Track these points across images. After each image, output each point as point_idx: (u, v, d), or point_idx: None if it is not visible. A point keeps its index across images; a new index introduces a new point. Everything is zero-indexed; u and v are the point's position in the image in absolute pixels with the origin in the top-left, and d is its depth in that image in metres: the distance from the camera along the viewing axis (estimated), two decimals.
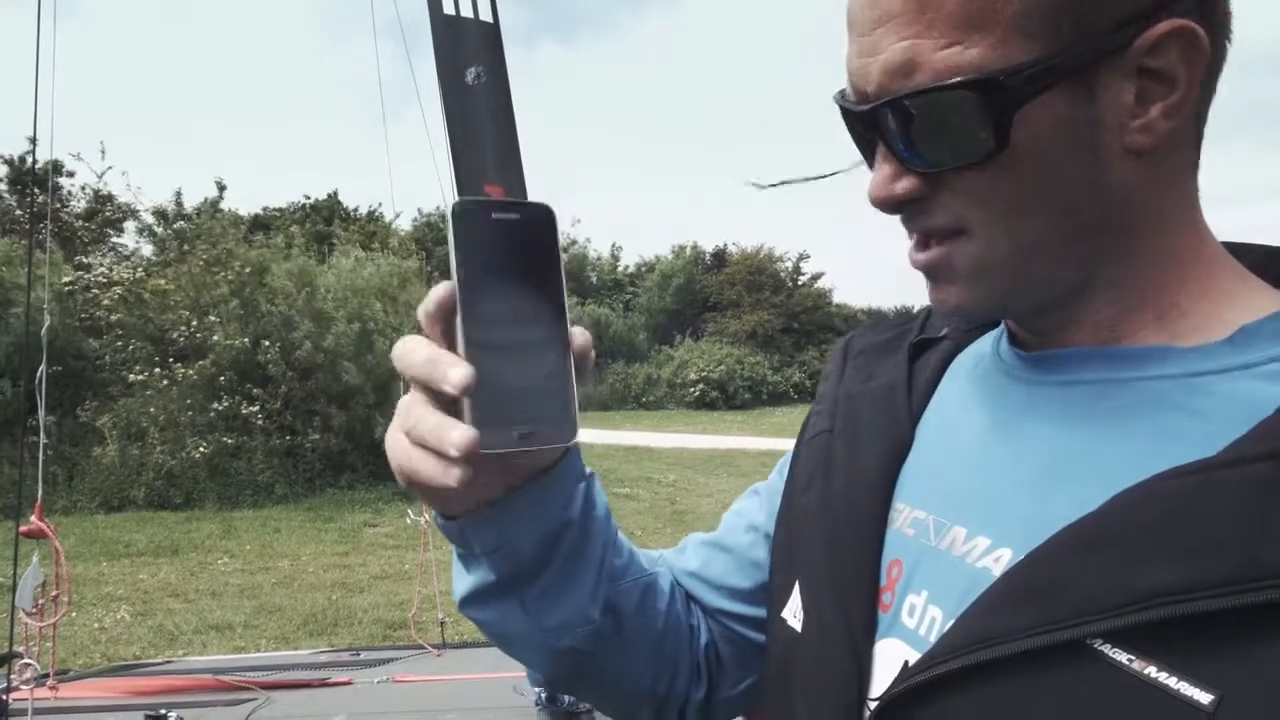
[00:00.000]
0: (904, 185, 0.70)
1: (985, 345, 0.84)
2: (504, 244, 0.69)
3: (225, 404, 13.29)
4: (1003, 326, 0.82)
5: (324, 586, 9.44)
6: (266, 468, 13.19)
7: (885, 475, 0.81)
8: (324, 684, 3.34)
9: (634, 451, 19.42)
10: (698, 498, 13.85)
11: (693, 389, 30.23)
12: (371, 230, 25.85)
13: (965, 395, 0.81)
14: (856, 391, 0.90)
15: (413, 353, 0.68)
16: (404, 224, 33.34)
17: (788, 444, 1.00)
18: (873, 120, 0.69)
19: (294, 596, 9.13)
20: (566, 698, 2.84)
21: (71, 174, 16.29)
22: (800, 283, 35.82)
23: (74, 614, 8.09)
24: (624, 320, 34.97)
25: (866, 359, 0.94)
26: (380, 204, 33.56)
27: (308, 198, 33.99)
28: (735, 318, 33.84)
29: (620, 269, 40.07)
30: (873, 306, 38.77)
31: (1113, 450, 0.65)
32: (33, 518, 1.89)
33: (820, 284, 36.17)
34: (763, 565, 0.96)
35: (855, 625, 0.76)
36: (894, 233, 0.77)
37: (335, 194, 34.22)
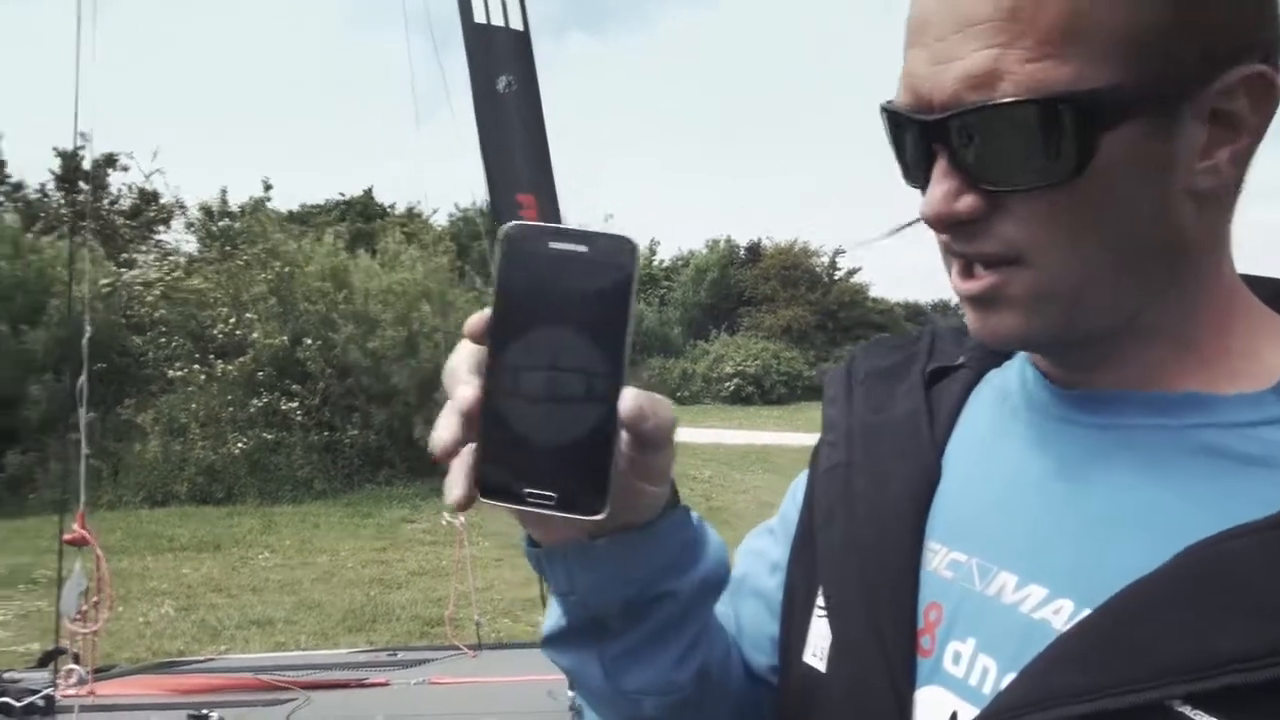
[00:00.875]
0: (966, 203, 0.66)
1: (1009, 376, 0.81)
2: (559, 280, 0.60)
3: (265, 400, 13.45)
4: (1024, 359, 0.79)
5: (362, 582, 9.54)
6: (305, 463, 13.35)
7: (916, 511, 0.77)
8: (361, 685, 3.37)
9: None
10: (734, 494, 13.82)
11: (728, 384, 30.19)
12: (409, 230, 26.00)
13: (996, 430, 0.79)
14: (873, 422, 0.85)
15: (454, 354, 0.64)
16: (440, 220, 33.52)
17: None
18: (940, 131, 0.65)
19: (333, 592, 9.23)
20: None
21: (125, 169, 16.57)
22: (836, 278, 35.66)
23: (120, 608, 8.22)
24: (659, 315, 34.98)
25: (872, 385, 0.89)
26: (418, 200, 33.73)
27: (343, 195, 34.24)
28: (770, 312, 33.75)
29: (655, 263, 40.06)
30: (910, 301, 38.59)
31: (1169, 500, 0.64)
32: (75, 526, 1.93)
33: (856, 279, 36.02)
34: None
35: (896, 670, 0.73)
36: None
37: (370, 191, 34.44)
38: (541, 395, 0.60)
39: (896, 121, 0.69)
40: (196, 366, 13.58)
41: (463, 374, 0.62)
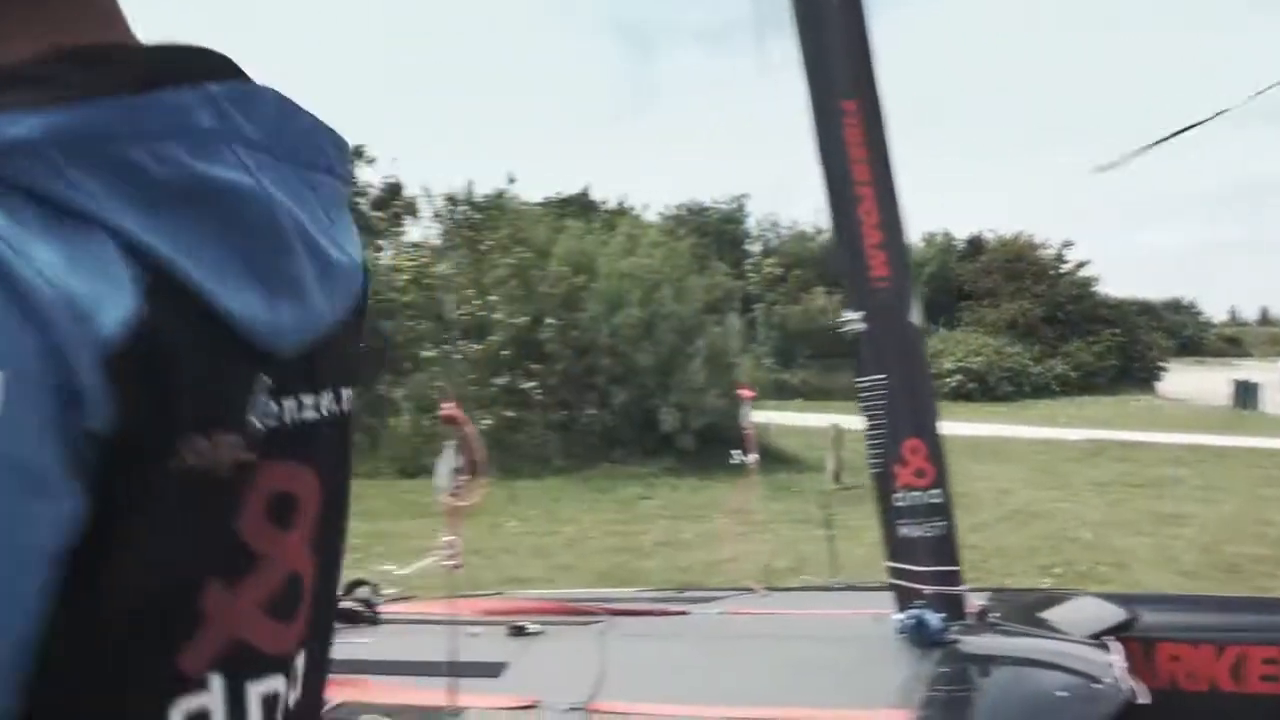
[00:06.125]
0: None
1: None
2: None
3: (505, 379, 14.06)
4: None
5: (609, 550, 9.85)
6: (544, 440, 13.88)
7: None
8: (662, 613, 3.46)
9: None
10: (970, 481, 13.50)
11: (949, 380, 29.36)
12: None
13: None
14: None
15: None
16: (650, 217, 34.06)
17: (1056, 433, 0.92)
18: None
19: (583, 558, 9.58)
20: (933, 624, 2.86)
21: (372, 160, 17.66)
22: (1063, 271, 34.15)
23: (391, 564, 8.81)
24: None
25: None
26: (628, 196, 34.39)
27: (559, 193, 35.24)
28: (993, 307, 32.63)
29: None
30: (1140, 298, 36.60)
31: None
32: (446, 406, 2.10)
33: (1085, 272, 34.39)
34: None
35: None
36: (1164, 220, 0.62)
37: (586, 190, 35.32)
38: None
39: None
40: (445, 347, 14.32)
41: None
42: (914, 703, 2.31)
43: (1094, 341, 32.14)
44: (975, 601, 2.83)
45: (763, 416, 15.68)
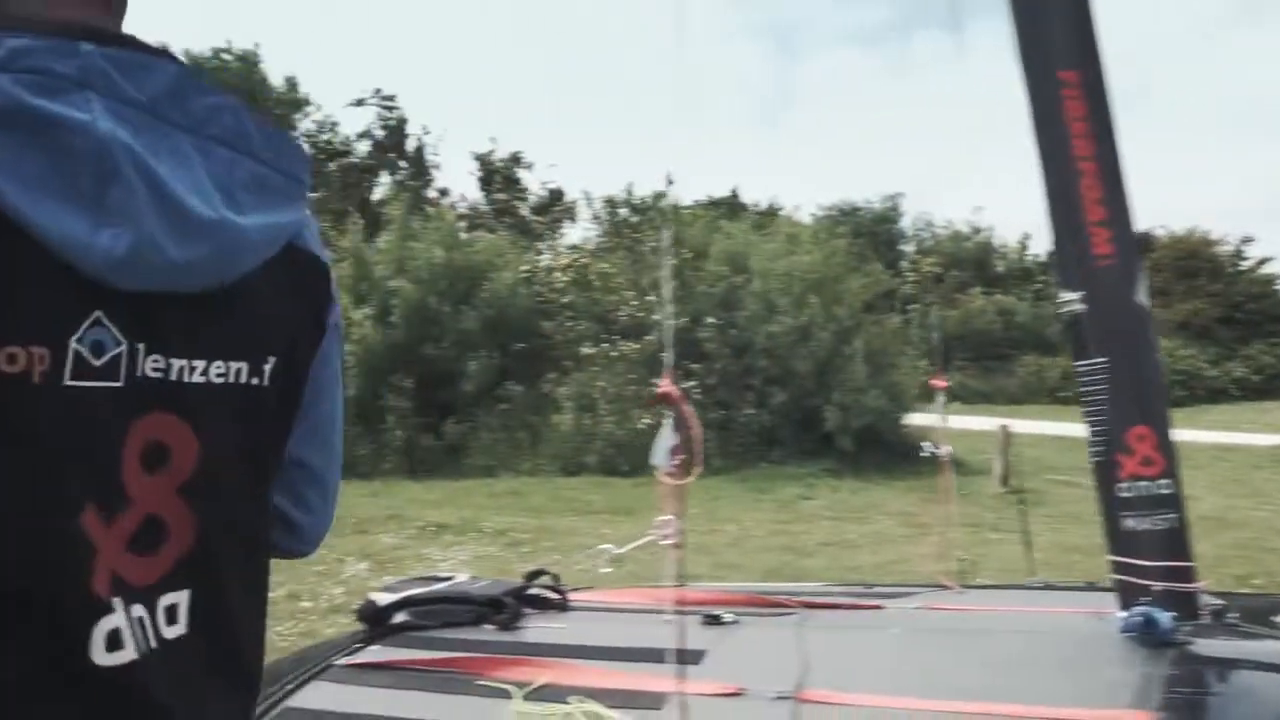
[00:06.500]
0: None
1: None
2: None
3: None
4: None
5: (773, 549, 9.76)
6: (703, 440, 13.87)
7: None
8: (855, 606, 3.37)
9: (1062, 441, 18.37)
10: None
11: None
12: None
13: None
14: None
15: None
16: (801, 218, 33.75)
17: (1240, 438, 0.82)
18: None
19: (747, 556, 9.51)
20: (1163, 622, 2.71)
21: (529, 166, 18.10)
22: (1242, 269, 32.26)
23: (558, 557, 8.95)
24: (1033, 310, 33.29)
25: None
26: (778, 197, 34.14)
27: (709, 196, 35.27)
28: (1164, 307, 31.06)
29: (1029, 257, 38.14)
30: None
31: None
32: (661, 383, 2.07)
33: (1266, 269, 32.42)
34: None
35: None
36: None
37: (735, 192, 35.22)
38: None
39: None
40: (603, 346, 14.49)
41: None
42: (1152, 704, 2.18)
43: (1277, 344, 30.31)
44: (1209, 601, 2.65)
45: (920, 419, 15.31)
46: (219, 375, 0.92)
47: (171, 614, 0.89)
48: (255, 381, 0.96)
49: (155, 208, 0.82)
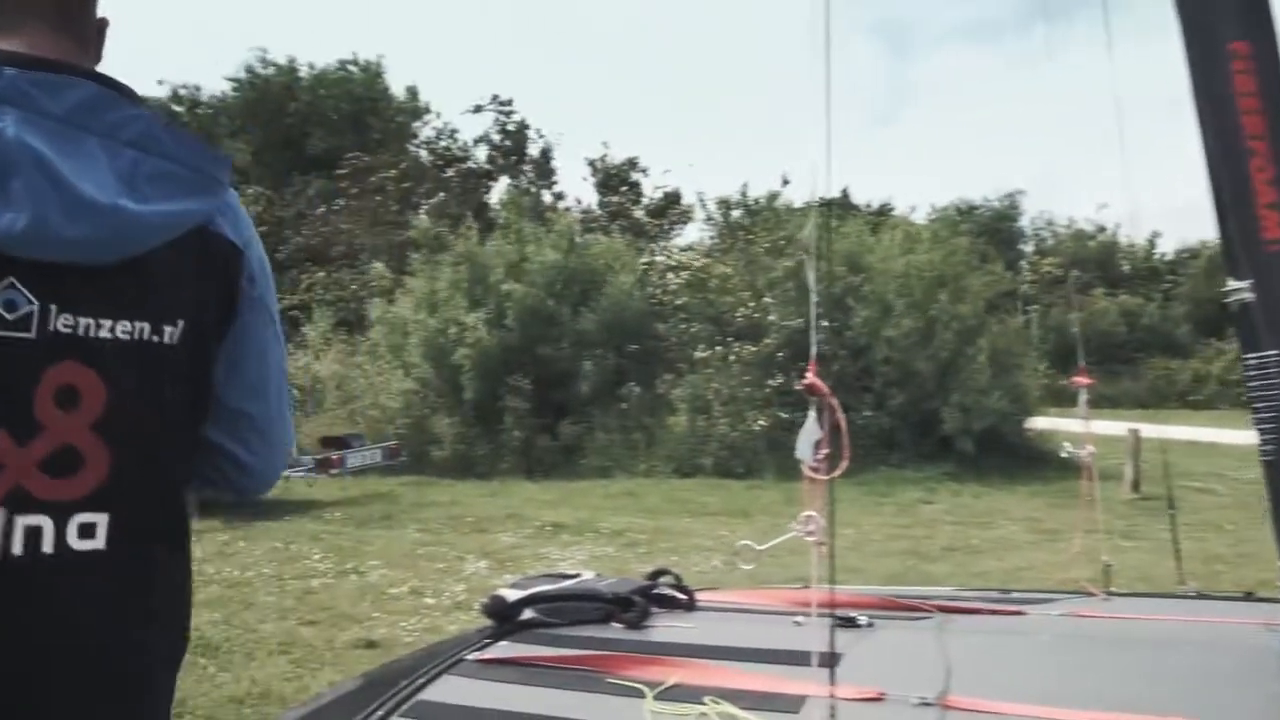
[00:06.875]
0: None
1: None
2: None
3: (780, 380, 13.96)
4: None
5: (894, 554, 9.55)
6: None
7: None
8: (995, 612, 3.22)
9: (1194, 447, 17.61)
10: None
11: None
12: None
13: None
14: None
15: None
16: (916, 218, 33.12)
17: None
18: None
19: (868, 560, 9.32)
20: None
21: (645, 170, 18.15)
22: None
23: (674, 557, 8.92)
24: (1161, 311, 32.07)
25: None
26: (891, 197, 33.57)
27: (821, 197, 34.75)
28: None
29: (1157, 256, 36.77)
30: None
31: None
32: (808, 374, 1.97)
33: None
34: None
35: None
36: None
37: (846, 192, 34.75)
38: None
39: None
40: (718, 349, 14.41)
41: None
42: None
43: None
44: None
45: (1044, 423, 14.83)
46: (124, 333, 1.11)
47: (88, 530, 1.09)
48: (157, 340, 1.14)
49: (52, 196, 1.02)
